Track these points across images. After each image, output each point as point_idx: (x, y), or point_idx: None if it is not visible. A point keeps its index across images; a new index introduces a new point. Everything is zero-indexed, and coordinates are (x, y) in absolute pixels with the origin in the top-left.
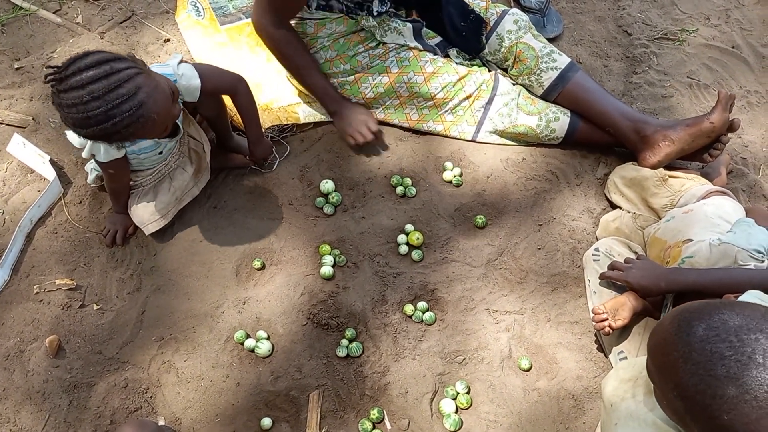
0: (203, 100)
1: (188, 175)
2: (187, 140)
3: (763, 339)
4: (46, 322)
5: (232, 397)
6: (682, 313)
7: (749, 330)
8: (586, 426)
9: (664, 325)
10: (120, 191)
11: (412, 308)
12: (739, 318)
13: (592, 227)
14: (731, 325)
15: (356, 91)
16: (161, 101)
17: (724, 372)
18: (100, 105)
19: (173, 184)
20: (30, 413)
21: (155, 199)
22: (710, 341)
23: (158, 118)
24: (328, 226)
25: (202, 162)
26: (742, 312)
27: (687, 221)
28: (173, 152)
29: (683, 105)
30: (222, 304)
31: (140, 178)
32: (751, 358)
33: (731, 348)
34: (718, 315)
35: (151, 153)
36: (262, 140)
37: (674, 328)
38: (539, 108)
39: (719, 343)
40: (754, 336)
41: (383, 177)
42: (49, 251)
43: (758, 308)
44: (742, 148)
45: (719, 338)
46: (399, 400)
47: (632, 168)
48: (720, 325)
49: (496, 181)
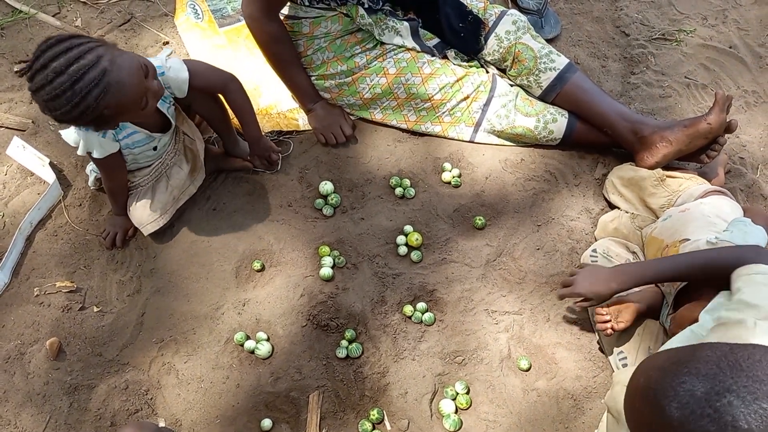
0: (195, 96)
1: (184, 173)
2: (182, 138)
3: (735, 401)
4: (47, 324)
5: (232, 399)
6: (647, 391)
7: (717, 394)
8: (586, 426)
9: (635, 405)
10: (118, 191)
11: (411, 309)
12: (701, 383)
13: (590, 227)
14: (699, 395)
15: (354, 92)
16: (127, 68)
17: None
18: (65, 80)
19: (170, 182)
20: (30, 415)
21: (153, 198)
22: (690, 421)
23: (129, 89)
24: (328, 227)
25: (197, 160)
26: (699, 372)
27: (684, 220)
28: (168, 150)
29: (681, 105)
30: (222, 305)
31: (137, 178)
32: (736, 427)
33: (712, 422)
34: (681, 387)
35: (145, 147)
36: (261, 140)
37: (648, 411)
38: (537, 109)
39: (699, 420)
40: (726, 400)
41: (382, 178)
42: (49, 254)
43: (711, 359)
44: (739, 148)
45: (696, 415)
46: (399, 400)
47: (630, 168)
48: (689, 399)
49: (495, 181)
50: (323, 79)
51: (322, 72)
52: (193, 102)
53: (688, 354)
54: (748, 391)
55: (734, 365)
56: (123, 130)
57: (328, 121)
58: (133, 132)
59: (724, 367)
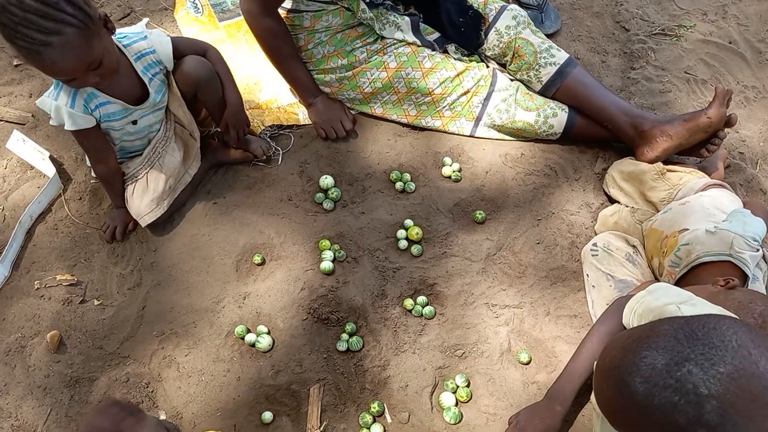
0: (200, 84)
1: (177, 160)
2: (173, 125)
3: (694, 368)
4: (47, 317)
5: (233, 392)
6: (612, 371)
7: (677, 364)
8: (585, 419)
9: (601, 388)
10: (109, 178)
11: (411, 302)
12: (661, 355)
13: (590, 222)
14: (660, 367)
15: (354, 86)
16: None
17: (684, 420)
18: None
19: (164, 171)
20: (32, 408)
21: (148, 188)
22: (654, 395)
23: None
24: (328, 221)
25: (190, 148)
26: (658, 346)
27: (684, 212)
28: (159, 137)
29: (681, 100)
30: (222, 299)
31: (131, 169)
32: (698, 394)
33: (675, 392)
34: (642, 361)
35: (124, 122)
36: (240, 109)
37: (613, 391)
38: (537, 104)
39: (662, 391)
40: (686, 369)
41: (382, 172)
42: (50, 247)
43: (667, 332)
44: (739, 143)
45: (659, 387)
46: (399, 393)
47: (630, 162)
48: (651, 373)
49: (495, 176)
50: (324, 74)
51: (323, 66)
52: (198, 91)
53: (646, 330)
54: (705, 358)
55: (690, 335)
56: (93, 99)
57: (328, 115)
58: (105, 102)
59: (680, 338)
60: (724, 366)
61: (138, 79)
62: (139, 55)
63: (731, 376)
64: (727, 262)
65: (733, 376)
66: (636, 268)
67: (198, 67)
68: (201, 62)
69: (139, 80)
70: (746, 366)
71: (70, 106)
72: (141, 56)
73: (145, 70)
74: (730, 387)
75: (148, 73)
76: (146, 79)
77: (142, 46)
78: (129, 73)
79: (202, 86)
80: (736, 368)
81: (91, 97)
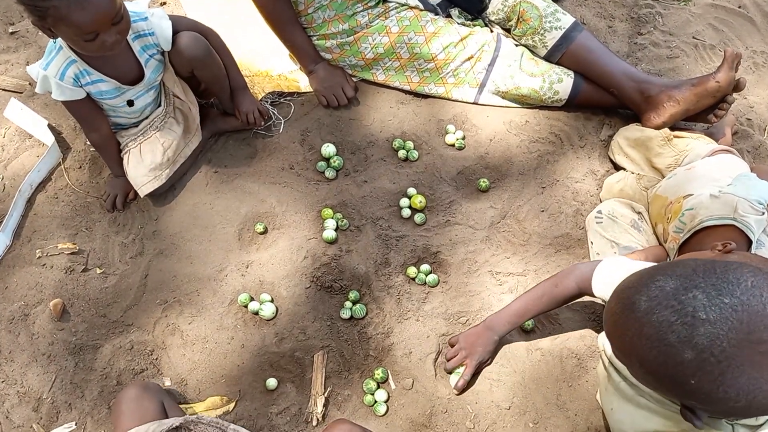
0: (196, 59)
1: (177, 134)
2: (172, 100)
3: (700, 294)
4: (50, 285)
5: (237, 359)
6: (623, 291)
7: (686, 289)
8: (589, 384)
9: (610, 306)
10: (103, 146)
11: (415, 271)
12: (674, 280)
13: (595, 189)
14: (668, 290)
15: (356, 51)
16: None
17: (675, 338)
18: None
19: (162, 143)
20: (36, 375)
21: (146, 159)
22: (654, 311)
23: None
24: (330, 190)
25: (190, 122)
26: (674, 273)
27: (689, 177)
28: (158, 113)
29: (688, 66)
30: (225, 267)
31: (125, 138)
32: (695, 317)
33: (675, 312)
34: (654, 283)
35: (118, 101)
36: (246, 92)
37: (620, 308)
38: (542, 69)
39: (663, 310)
40: (692, 294)
41: (385, 140)
42: (50, 216)
43: (689, 264)
44: (747, 109)
45: (661, 306)
46: (403, 360)
47: (636, 129)
48: (659, 293)
49: (499, 143)
50: (324, 39)
51: (323, 32)
52: (195, 69)
53: (670, 264)
54: (714, 288)
55: (709, 270)
56: (85, 75)
57: (329, 82)
58: (98, 80)
59: (699, 271)
60: (730, 298)
61: (134, 59)
62: (137, 35)
63: (734, 308)
64: (731, 226)
65: (736, 308)
66: (641, 234)
67: (193, 45)
68: (196, 39)
69: (135, 60)
70: (753, 303)
71: (59, 78)
72: (139, 36)
73: (142, 51)
74: (729, 317)
75: (145, 53)
76: (143, 59)
77: (142, 27)
78: (125, 52)
79: (198, 64)
80: (742, 302)
81: (83, 74)
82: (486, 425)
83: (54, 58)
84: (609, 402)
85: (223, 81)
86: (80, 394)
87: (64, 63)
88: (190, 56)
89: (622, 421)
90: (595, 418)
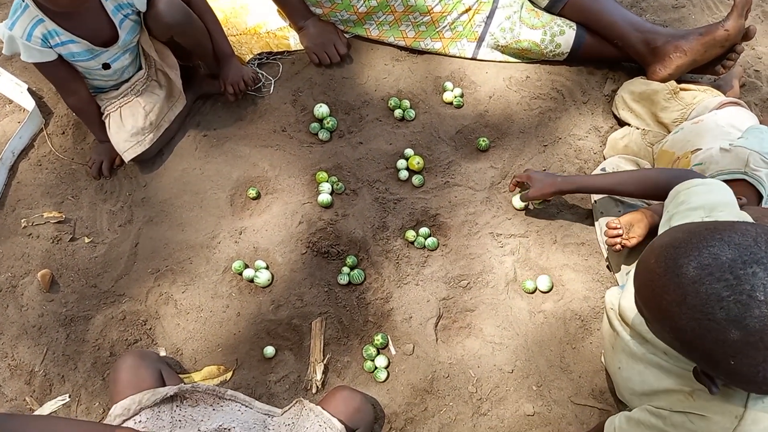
0: (178, 31)
1: (159, 97)
2: (153, 63)
3: (760, 272)
4: (37, 256)
5: (233, 327)
6: (667, 250)
7: (744, 263)
8: (593, 346)
9: (648, 263)
10: (82, 110)
11: (414, 234)
12: (731, 250)
13: (599, 146)
14: (724, 260)
15: (348, 5)
16: None
17: (723, 315)
18: None
19: (144, 107)
20: (27, 347)
21: (128, 123)
22: (704, 282)
23: None
24: (324, 152)
25: (173, 87)
26: (732, 241)
27: (697, 131)
28: (140, 76)
29: (695, 16)
30: (217, 234)
31: (104, 102)
32: (751, 297)
33: (728, 288)
34: (708, 249)
35: (92, 63)
36: (233, 58)
37: (661, 269)
38: (543, 21)
39: (714, 283)
40: (751, 270)
41: (380, 100)
42: (35, 184)
43: (748, 231)
44: (755, 60)
45: (713, 277)
46: (403, 325)
47: (641, 82)
48: (711, 262)
49: (499, 101)
50: None
51: None
52: (175, 35)
53: (726, 225)
54: None
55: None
56: (54, 36)
57: (320, 39)
58: (68, 41)
59: (761, 241)
60: None
61: (107, 19)
62: None
63: None
64: (741, 180)
65: None
66: None
67: (171, 10)
68: (174, 4)
69: (108, 20)
70: None
71: (26, 39)
72: None
73: (116, 10)
74: None
75: (119, 13)
76: (116, 19)
77: None
78: (97, 12)
79: (178, 30)
80: None
81: (52, 34)
82: (489, 389)
83: (20, 17)
84: (617, 361)
85: (207, 46)
86: (73, 366)
87: (30, 22)
88: (168, 23)
89: (631, 379)
90: (599, 379)
